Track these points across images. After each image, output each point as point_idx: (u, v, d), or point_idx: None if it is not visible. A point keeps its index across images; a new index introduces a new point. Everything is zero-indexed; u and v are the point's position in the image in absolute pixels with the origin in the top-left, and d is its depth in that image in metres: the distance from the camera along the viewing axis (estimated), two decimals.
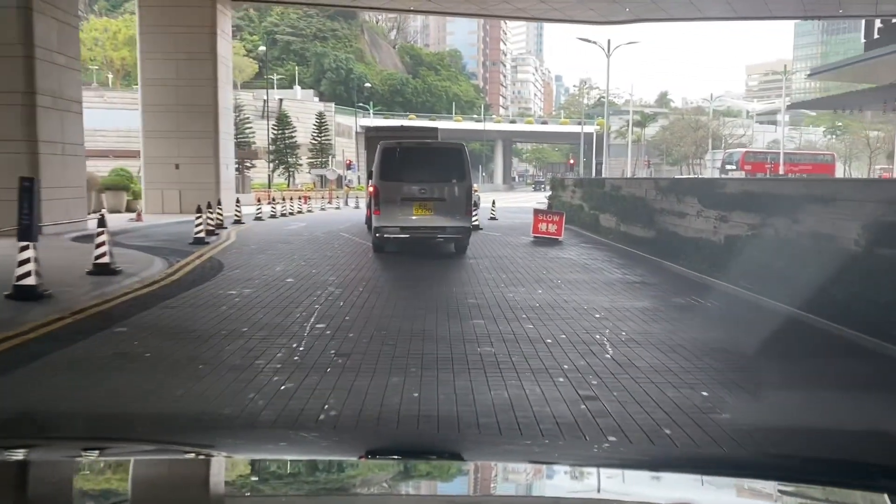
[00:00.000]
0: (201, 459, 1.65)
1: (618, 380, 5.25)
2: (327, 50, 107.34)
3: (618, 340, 6.61)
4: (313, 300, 8.49)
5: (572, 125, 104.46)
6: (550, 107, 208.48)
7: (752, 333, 7.14)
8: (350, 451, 1.89)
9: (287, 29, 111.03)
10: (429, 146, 14.37)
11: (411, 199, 12.99)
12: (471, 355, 5.96)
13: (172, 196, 28.79)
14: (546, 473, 1.65)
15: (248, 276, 10.47)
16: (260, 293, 8.96)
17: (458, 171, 13.26)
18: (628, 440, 3.97)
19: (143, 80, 28.88)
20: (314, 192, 54.72)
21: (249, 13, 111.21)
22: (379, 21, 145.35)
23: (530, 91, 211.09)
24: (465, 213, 13.17)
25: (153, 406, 4.67)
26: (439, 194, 13.21)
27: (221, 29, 29.29)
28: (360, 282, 10.17)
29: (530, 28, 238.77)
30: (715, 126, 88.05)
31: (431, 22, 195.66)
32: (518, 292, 9.39)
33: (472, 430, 4.14)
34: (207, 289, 9.33)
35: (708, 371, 5.55)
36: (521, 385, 5.09)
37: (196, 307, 8.06)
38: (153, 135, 28.88)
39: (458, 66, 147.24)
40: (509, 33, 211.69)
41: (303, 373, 5.32)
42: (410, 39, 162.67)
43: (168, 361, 5.86)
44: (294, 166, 70.54)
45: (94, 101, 65.15)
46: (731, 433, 4.15)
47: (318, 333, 6.77)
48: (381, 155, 13.07)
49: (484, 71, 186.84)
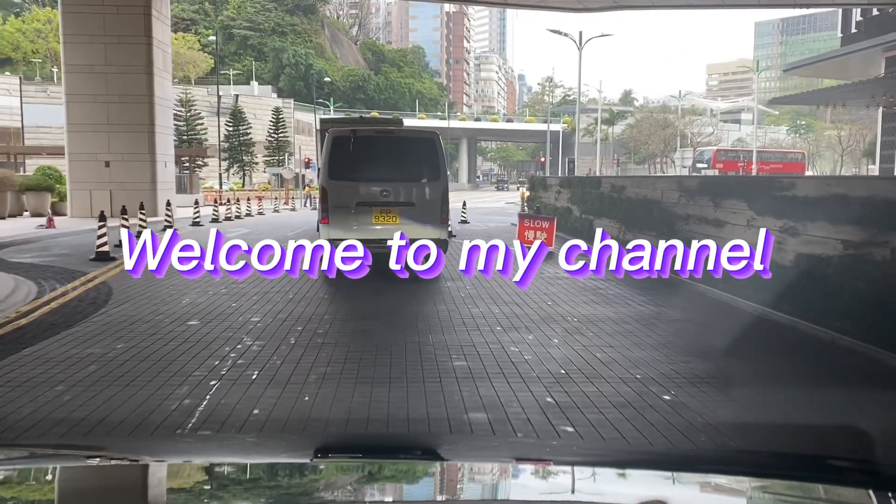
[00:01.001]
0: (139, 466, 1.62)
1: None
2: (286, 45, 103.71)
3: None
4: (211, 369, 5.48)
5: (538, 123, 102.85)
6: (514, 106, 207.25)
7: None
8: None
9: (244, 23, 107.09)
10: (392, 135, 11.02)
11: (370, 203, 10.11)
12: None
13: (102, 197, 25.37)
14: (512, 472, 1.63)
15: (135, 317, 7.43)
16: (133, 354, 5.90)
17: (431, 167, 10.43)
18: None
19: (66, 67, 25.42)
20: (270, 191, 51.42)
21: (205, 6, 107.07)
22: (340, 17, 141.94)
23: (494, 90, 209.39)
24: (439, 222, 10.30)
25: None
26: (406, 197, 10.34)
27: (157, 10, 25.95)
28: (295, 326, 7.24)
29: (493, 26, 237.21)
30: (682, 124, 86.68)
31: (394, 18, 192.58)
32: (524, 342, 6.56)
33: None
34: (58, 343, 6.24)
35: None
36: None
37: (5, 388, 5.01)
38: (79, 128, 25.46)
39: (422, 64, 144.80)
40: (472, 31, 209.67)
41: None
42: (373, 36, 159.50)
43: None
44: (250, 165, 66.93)
45: (37, 96, 60.76)
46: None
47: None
48: (331, 146, 10.16)
49: (447, 69, 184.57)
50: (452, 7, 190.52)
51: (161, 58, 26.42)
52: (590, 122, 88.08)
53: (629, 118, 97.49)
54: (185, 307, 8.04)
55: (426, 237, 10.26)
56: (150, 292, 8.95)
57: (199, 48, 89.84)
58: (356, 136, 10.23)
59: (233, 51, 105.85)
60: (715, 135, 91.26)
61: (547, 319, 7.60)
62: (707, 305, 8.67)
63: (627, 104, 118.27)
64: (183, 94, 61.25)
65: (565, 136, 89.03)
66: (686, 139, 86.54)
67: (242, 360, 5.85)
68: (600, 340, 6.65)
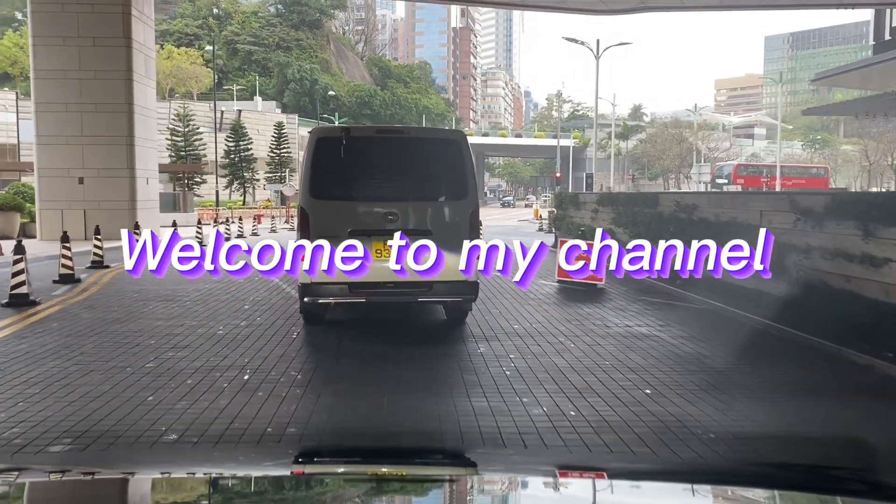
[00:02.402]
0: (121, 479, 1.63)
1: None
2: (291, 60, 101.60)
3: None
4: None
5: (547, 138, 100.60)
6: (521, 121, 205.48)
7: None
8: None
9: (248, 38, 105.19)
10: (401, 137, 8.02)
11: (369, 232, 7.26)
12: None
13: (75, 218, 22.65)
14: (521, 483, 1.62)
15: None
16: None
17: (455, 181, 7.57)
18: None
19: (35, 73, 22.75)
20: (271, 209, 48.72)
21: (209, 21, 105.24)
22: (346, 32, 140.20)
23: (500, 105, 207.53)
24: (465, 255, 7.39)
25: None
26: (419, 223, 7.47)
27: (139, 9, 23.33)
28: (250, 441, 4.35)
29: (500, 42, 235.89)
30: (698, 139, 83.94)
31: (400, 34, 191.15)
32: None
33: None
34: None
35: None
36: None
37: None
38: (49, 141, 22.75)
39: (428, 80, 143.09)
40: (479, 47, 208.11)
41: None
42: (379, 52, 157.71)
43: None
44: (250, 181, 64.26)
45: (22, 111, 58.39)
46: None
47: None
48: (314, 152, 7.30)
49: (454, 84, 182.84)
50: (459, 23, 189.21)
51: (142, 62, 23.76)
52: (601, 136, 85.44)
53: (641, 133, 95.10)
54: (65, 414, 5.14)
55: (447, 278, 7.38)
56: (38, 374, 6.06)
57: (202, 63, 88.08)
58: (349, 138, 7.33)
59: (237, 66, 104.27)
60: (733, 149, 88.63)
61: (665, 435, 4.65)
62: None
63: (637, 119, 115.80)
64: (181, 109, 59.04)
65: (575, 152, 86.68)
66: (700, 154, 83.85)
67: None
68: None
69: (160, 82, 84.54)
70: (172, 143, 56.81)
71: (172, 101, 71.76)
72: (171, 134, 57.30)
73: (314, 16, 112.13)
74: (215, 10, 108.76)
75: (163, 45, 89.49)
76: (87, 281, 11.65)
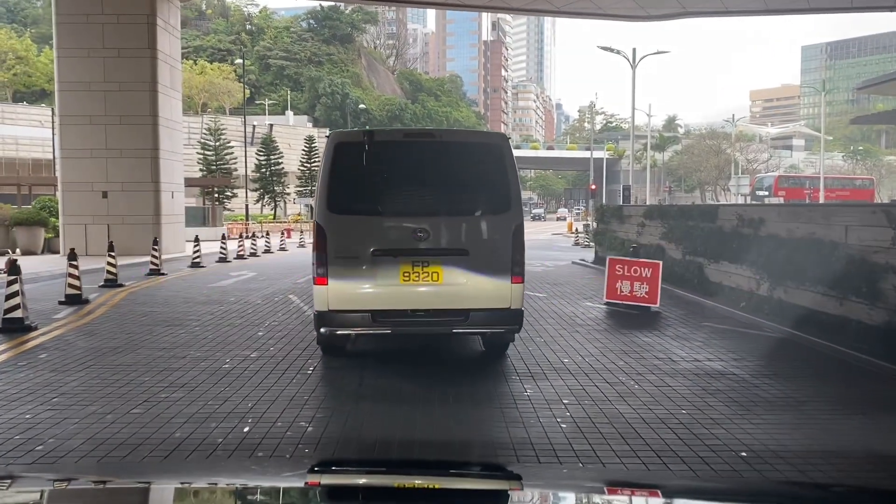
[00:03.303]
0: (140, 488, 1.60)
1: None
2: (322, 75, 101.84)
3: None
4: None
5: (580, 150, 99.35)
6: (552, 134, 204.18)
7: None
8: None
9: (280, 53, 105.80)
10: (433, 141, 6.76)
11: (396, 251, 6.26)
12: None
13: (99, 233, 22.09)
14: (568, 499, 1.54)
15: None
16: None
17: (495, 192, 6.52)
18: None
19: (59, 85, 22.33)
20: (301, 223, 48.16)
21: (241, 37, 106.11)
22: (377, 46, 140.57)
23: (532, 118, 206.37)
24: (509, 280, 6.37)
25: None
26: (453, 241, 6.43)
27: (164, 19, 22.81)
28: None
29: (531, 55, 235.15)
30: (736, 150, 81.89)
31: (431, 48, 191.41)
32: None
33: None
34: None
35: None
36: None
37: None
38: (73, 154, 22.29)
39: (459, 93, 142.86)
40: (510, 60, 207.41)
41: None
42: (410, 65, 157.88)
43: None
44: (281, 195, 63.94)
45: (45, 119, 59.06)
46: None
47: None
48: (332, 160, 6.31)
49: (485, 98, 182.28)
50: (490, 36, 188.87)
51: (168, 73, 23.22)
52: (637, 148, 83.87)
53: (676, 144, 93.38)
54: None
55: (487, 305, 6.32)
56: (10, 417, 5.13)
57: (234, 78, 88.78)
58: (373, 143, 6.33)
59: (269, 81, 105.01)
60: (773, 160, 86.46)
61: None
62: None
63: (671, 130, 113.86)
64: (212, 122, 59.12)
65: (609, 164, 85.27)
66: (738, 165, 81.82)
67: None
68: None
69: (193, 97, 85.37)
70: (203, 157, 56.82)
71: (205, 116, 72.12)
72: (203, 148, 57.33)
73: (346, 30, 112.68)
74: (248, 26, 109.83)
75: (196, 61, 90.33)
76: (96, 301, 10.83)
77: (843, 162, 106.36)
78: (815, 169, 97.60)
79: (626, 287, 9.87)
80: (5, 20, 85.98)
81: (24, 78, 72.46)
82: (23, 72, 72.53)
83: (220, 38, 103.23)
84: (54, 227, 24.03)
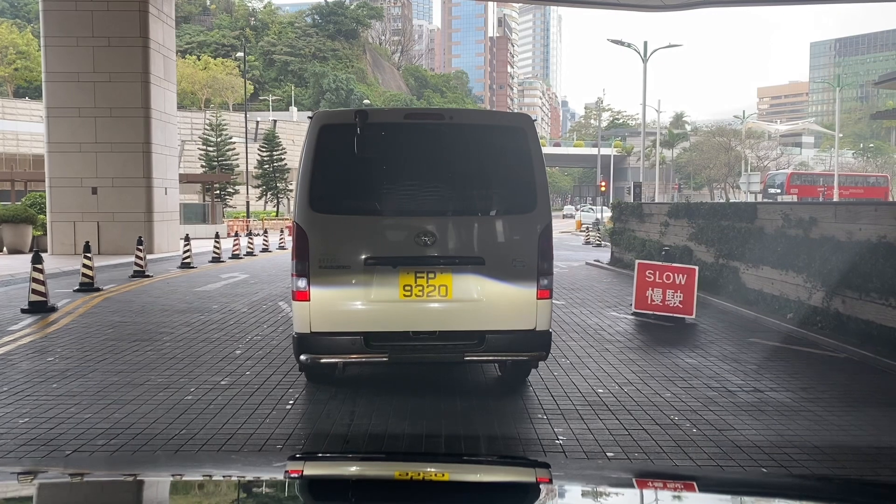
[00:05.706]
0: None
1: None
2: (327, 70, 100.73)
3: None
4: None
5: (587, 147, 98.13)
6: (558, 131, 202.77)
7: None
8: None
9: (285, 49, 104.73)
10: (441, 124, 5.42)
11: (394, 259, 5.10)
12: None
13: (88, 230, 21.03)
14: (597, 492, 1.50)
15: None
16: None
17: (517, 186, 5.33)
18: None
19: (46, 76, 21.20)
20: None
21: (245, 32, 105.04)
22: (382, 42, 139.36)
23: (537, 115, 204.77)
24: (534, 293, 5.17)
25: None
26: (465, 246, 5.25)
27: (157, 7, 21.67)
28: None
29: (536, 51, 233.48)
30: (745, 147, 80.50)
31: (437, 44, 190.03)
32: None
33: None
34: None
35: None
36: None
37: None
38: (61, 148, 21.18)
39: (465, 89, 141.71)
40: (516, 56, 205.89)
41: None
42: (415, 61, 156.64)
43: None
44: (284, 192, 62.87)
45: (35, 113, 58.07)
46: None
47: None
48: (316, 147, 5.13)
49: (491, 94, 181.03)
50: (496, 32, 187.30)
51: (161, 64, 22.09)
52: (646, 145, 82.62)
53: (685, 141, 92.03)
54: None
55: (506, 326, 5.13)
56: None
57: (237, 74, 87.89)
58: (366, 126, 5.12)
59: (273, 77, 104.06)
60: (784, 157, 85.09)
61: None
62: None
63: (679, 127, 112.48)
64: (213, 118, 58.08)
65: (616, 161, 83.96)
66: (748, 163, 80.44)
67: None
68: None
69: (196, 93, 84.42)
70: (205, 153, 55.85)
71: (207, 112, 71.12)
72: (204, 143, 56.35)
73: (350, 26, 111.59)
74: (252, 21, 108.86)
75: (199, 56, 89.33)
76: (64, 309, 9.70)
77: (853, 159, 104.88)
78: (825, 166, 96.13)
79: (657, 295, 8.70)
80: (8, 15, 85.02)
81: (26, 73, 71.48)
82: (24, 66, 71.57)
83: (224, 34, 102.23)
84: (43, 225, 22.95)
